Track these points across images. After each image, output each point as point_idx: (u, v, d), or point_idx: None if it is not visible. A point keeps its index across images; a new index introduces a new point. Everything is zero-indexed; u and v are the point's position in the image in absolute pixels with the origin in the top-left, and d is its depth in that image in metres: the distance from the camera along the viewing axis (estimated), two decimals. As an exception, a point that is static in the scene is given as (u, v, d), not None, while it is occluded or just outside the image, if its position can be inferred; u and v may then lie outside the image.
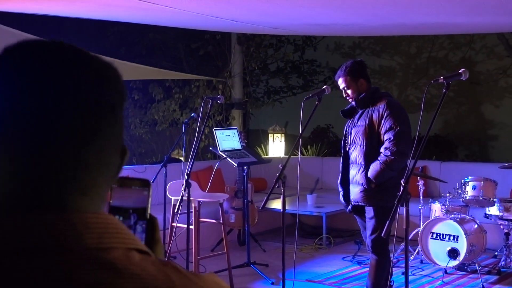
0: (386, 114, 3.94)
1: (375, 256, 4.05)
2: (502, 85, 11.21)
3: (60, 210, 0.64)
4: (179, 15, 5.37)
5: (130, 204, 0.86)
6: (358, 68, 4.10)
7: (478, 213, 5.59)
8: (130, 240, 0.65)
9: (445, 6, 5.07)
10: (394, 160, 3.87)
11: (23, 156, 0.65)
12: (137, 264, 0.62)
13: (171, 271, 0.64)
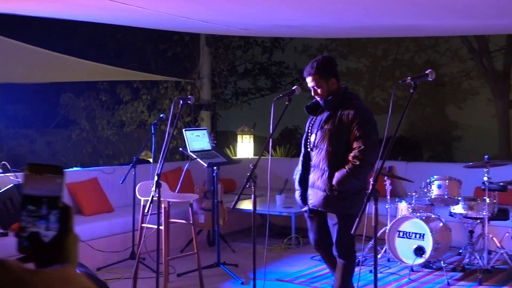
0: (356, 121, 3.84)
1: (342, 260, 4.05)
2: (465, 87, 11.49)
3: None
4: (151, 16, 5.36)
5: (43, 192, 0.82)
6: (329, 65, 3.98)
7: (443, 212, 5.71)
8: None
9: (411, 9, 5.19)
10: (363, 170, 3.82)
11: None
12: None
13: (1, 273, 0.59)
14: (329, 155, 3.89)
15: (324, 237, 4.12)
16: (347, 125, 3.86)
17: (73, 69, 7.94)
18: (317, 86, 3.94)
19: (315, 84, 3.95)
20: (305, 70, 4.02)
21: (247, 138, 8.58)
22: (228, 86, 11.14)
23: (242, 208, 6.77)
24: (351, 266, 4.10)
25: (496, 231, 5.65)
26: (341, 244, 3.99)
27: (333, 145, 3.89)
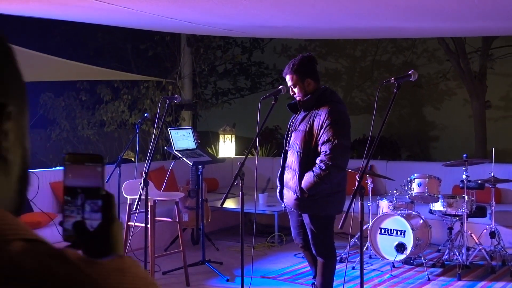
0: (326, 124, 3.82)
1: (321, 258, 4.10)
2: (442, 88, 11.68)
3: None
4: (135, 16, 5.39)
5: (83, 182, 0.82)
6: (306, 65, 3.95)
7: (423, 209, 5.84)
8: (11, 231, 0.57)
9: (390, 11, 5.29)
10: (328, 174, 3.80)
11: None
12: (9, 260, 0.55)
13: (56, 262, 0.55)
14: (301, 157, 3.90)
15: (301, 233, 4.19)
16: (318, 128, 3.85)
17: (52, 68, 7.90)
18: (293, 85, 3.96)
19: (292, 84, 3.96)
20: (286, 67, 4.04)
21: (228, 137, 8.64)
22: (207, 86, 11.18)
23: (225, 207, 6.82)
24: (330, 264, 4.15)
25: (474, 228, 5.80)
26: (317, 244, 4.06)
27: (305, 147, 3.89)
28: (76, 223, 0.83)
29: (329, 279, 4.19)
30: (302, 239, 4.21)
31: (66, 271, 0.55)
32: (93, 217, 0.82)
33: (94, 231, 0.82)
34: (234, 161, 8.25)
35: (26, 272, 0.54)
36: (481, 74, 9.43)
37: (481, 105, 9.43)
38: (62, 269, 0.55)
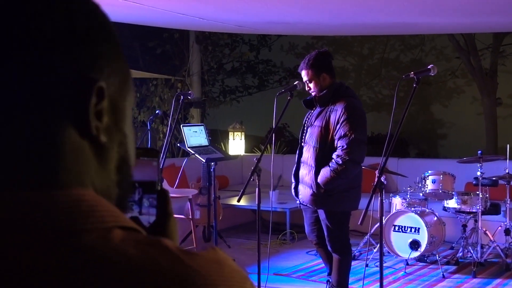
0: (342, 118, 3.80)
1: (337, 255, 4.09)
2: (450, 85, 11.65)
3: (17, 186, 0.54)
4: (146, 12, 5.37)
5: (139, 177, 0.79)
6: (322, 60, 3.94)
7: (436, 206, 5.80)
8: (110, 218, 0.55)
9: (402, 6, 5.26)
10: (345, 169, 3.79)
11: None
12: (115, 248, 0.52)
13: (158, 252, 0.54)
14: (317, 152, 3.89)
15: (316, 229, 4.16)
16: (335, 123, 3.84)
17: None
18: (309, 81, 3.95)
19: (307, 79, 3.95)
20: (302, 62, 4.02)
21: (238, 135, 8.61)
22: (215, 84, 11.16)
23: (235, 204, 6.80)
24: (346, 260, 4.14)
25: (488, 225, 5.76)
26: (332, 240, 4.04)
27: (321, 143, 3.88)
28: (132, 218, 0.79)
29: (344, 276, 4.17)
30: (317, 236, 4.18)
31: (169, 261, 0.53)
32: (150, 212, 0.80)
33: (150, 226, 0.79)
34: (243, 159, 8.22)
35: (131, 260, 0.52)
36: (492, 71, 9.39)
37: (492, 102, 9.39)
38: (164, 259, 0.53)
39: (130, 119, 0.64)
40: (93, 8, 0.59)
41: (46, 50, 0.54)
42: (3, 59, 0.53)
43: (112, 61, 0.60)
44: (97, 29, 0.58)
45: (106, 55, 0.59)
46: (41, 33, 0.54)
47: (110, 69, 0.59)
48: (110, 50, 0.60)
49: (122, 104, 0.61)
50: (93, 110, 0.57)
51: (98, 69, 0.57)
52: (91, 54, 0.57)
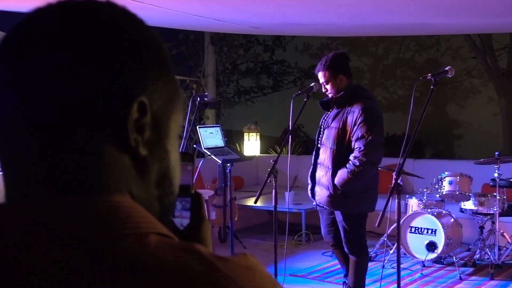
0: (360, 120, 3.81)
1: (353, 257, 4.09)
2: (466, 86, 11.57)
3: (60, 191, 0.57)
4: (163, 14, 5.39)
5: None
6: (339, 62, 3.95)
7: (453, 208, 5.77)
8: (146, 224, 0.57)
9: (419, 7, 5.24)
10: (362, 170, 3.79)
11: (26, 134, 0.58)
12: (150, 253, 0.54)
13: (191, 257, 0.55)
14: (334, 154, 3.89)
15: (332, 231, 4.16)
16: (352, 125, 3.84)
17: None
18: (325, 82, 3.94)
19: (324, 80, 3.94)
20: (318, 64, 4.01)
21: (253, 136, 8.62)
22: (230, 84, 11.18)
23: (251, 205, 6.82)
24: (363, 262, 4.14)
25: (506, 227, 5.72)
26: (349, 242, 4.04)
27: (338, 144, 3.88)
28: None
29: (361, 278, 4.16)
30: (333, 237, 4.18)
31: (202, 266, 0.54)
32: (183, 215, 0.81)
33: (183, 230, 0.80)
34: (259, 160, 8.23)
35: (166, 265, 0.53)
36: (509, 71, 9.32)
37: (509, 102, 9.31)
38: (197, 264, 0.54)
39: (175, 138, 0.66)
40: (143, 30, 0.63)
41: (95, 64, 0.58)
42: (57, 68, 0.57)
43: (157, 80, 0.62)
44: (143, 49, 0.61)
45: (151, 73, 0.61)
46: (92, 48, 0.58)
47: (154, 86, 0.61)
48: (156, 69, 0.62)
49: (166, 121, 0.63)
50: (133, 123, 0.59)
51: (141, 85, 0.60)
52: (135, 71, 0.60)
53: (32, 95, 0.57)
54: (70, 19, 0.58)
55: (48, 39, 0.57)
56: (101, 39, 0.58)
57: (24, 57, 0.58)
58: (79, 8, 0.60)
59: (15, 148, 0.59)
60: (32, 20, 0.60)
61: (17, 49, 0.59)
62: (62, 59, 0.57)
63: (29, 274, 0.52)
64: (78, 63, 0.57)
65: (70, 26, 0.58)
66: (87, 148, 0.58)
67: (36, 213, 0.55)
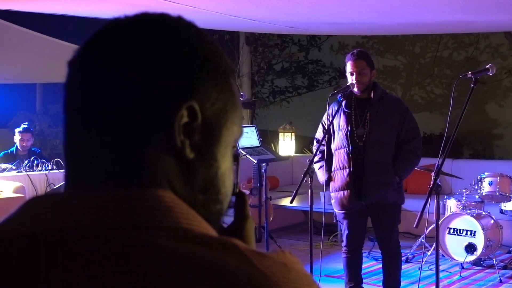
0: (405, 112, 3.92)
1: (392, 255, 4.06)
2: (506, 84, 11.32)
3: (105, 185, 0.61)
4: (199, 15, 5.42)
5: None
6: (372, 59, 4.02)
7: (493, 209, 5.65)
8: (185, 220, 0.58)
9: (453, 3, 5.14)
10: (419, 161, 3.99)
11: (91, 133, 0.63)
12: (185, 247, 0.55)
13: (227, 252, 0.56)
14: (386, 149, 3.89)
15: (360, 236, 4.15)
16: (397, 117, 3.88)
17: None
18: (362, 72, 3.83)
19: (361, 70, 3.83)
20: (349, 55, 3.92)
21: (288, 135, 8.60)
22: (265, 84, 11.18)
23: (286, 205, 6.80)
24: (400, 259, 4.14)
25: (548, 228, 5.58)
26: (394, 237, 4.05)
27: (388, 139, 3.90)
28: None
29: (398, 278, 4.13)
30: (356, 243, 4.14)
31: (236, 261, 0.55)
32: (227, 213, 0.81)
33: (227, 227, 0.81)
34: (294, 160, 8.21)
35: (199, 259, 0.54)
36: (551, 69, 9.07)
37: (551, 101, 9.07)
38: (232, 259, 0.55)
39: (228, 148, 0.69)
40: (205, 43, 0.67)
41: (154, 69, 0.63)
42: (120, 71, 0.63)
43: (211, 89, 0.65)
44: (201, 60, 0.66)
45: (206, 82, 0.65)
46: (154, 56, 0.63)
47: (207, 95, 0.65)
48: (211, 79, 0.66)
49: (219, 130, 0.66)
50: (182, 126, 0.63)
51: (193, 92, 0.64)
52: (189, 78, 0.64)
53: (95, 94, 0.63)
54: (141, 30, 0.65)
55: (117, 47, 0.64)
56: (164, 48, 0.63)
57: (95, 61, 0.64)
58: (150, 21, 0.66)
59: (75, 142, 0.64)
60: (106, 30, 0.66)
61: (89, 54, 0.65)
62: (126, 64, 0.63)
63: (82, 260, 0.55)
64: (139, 68, 0.62)
65: (139, 36, 0.64)
66: (137, 145, 0.62)
67: (87, 203, 0.58)
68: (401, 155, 3.91)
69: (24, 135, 6.36)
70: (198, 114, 0.63)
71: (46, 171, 5.65)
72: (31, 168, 5.64)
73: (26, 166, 5.65)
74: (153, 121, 0.62)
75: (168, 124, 0.62)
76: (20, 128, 6.42)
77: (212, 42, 0.68)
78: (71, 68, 0.66)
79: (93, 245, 0.55)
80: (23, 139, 6.34)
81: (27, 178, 5.37)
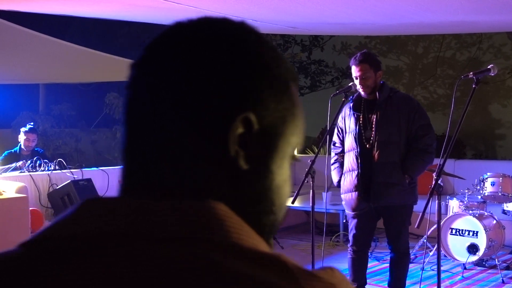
0: (416, 110, 3.89)
1: (400, 255, 4.05)
2: (509, 84, 11.30)
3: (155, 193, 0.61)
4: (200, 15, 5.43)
5: None
6: (376, 59, 3.99)
7: (495, 209, 5.65)
8: (235, 234, 0.57)
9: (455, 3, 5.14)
10: (432, 157, 3.92)
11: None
12: (233, 263, 0.54)
13: (274, 271, 0.54)
14: (396, 148, 3.86)
15: (367, 236, 4.14)
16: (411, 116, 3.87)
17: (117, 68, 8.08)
18: (366, 76, 3.83)
19: (364, 74, 3.83)
20: (352, 59, 3.93)
21: (291, 136, 8.60)
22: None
23: (288, 205, 6.79)
24: (408, 260, 4.13)
25: (550, 229, 5.57)
26: (404, 238, 4.03)
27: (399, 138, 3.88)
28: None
29: (405, 279, 4.13)
30: (364, 243, 4.14)
31: (283, 281, 0.53)
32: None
33: None
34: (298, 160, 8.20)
35: (241, 276, 0.53)
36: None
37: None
38: (278, 278, 0.53)
39: (286, 160, 0.66)
40: (267, 51, 0.65)
41: (212, 78, 0.61)
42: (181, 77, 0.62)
43: (270, 100, 0.64)
44: (261, 70, 0.64)
45: (265, 93, 0.63)
46: (214, 63, 0.62)
47: (265, 105, 0.63)
48: (270, 90, 0.64)
49: (276, 141, 0.64)
50: (236, 136, 0.61)
51: (250, 103, 0.62)
52: (247, 88, 0.62)
53: (155, 99, 0.62)
54: (203, 36, 0.63)
55: (177, 53, 0.63)
56: (224, 56, 0.62)
57: (156, 65, 0.64)
58: (212, 27, 0.65)
59: (134, 146, 0.64)
60: (169, 34, 0.65)
61: (151, 57, 0.65)
62: (185, 70, 0.62)
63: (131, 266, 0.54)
64: (198, 76, 0.61)
65: (200, 41, 0.63)
66: (191, 155, 0.61)
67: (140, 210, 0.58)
68: (411, 153, 3.87)
69: (30, 135, 6.38)
70: (254, 125, 0.62)
71: (49, 171, 5.66)
72: (33, 169, 5.66)
73: (29, 166, 5.67)
74: (209, 131, 0.61)
75: (223, 135, 0.61)
76: (26, 128, 6.43)
77: (273, 48, 0.66)
78: (133, 70, 0.66)
79: (138, 251, 0.55)
80: (28, 139, 6.36)
81: (30, 178, 5.38)
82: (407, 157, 3.87)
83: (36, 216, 4.92)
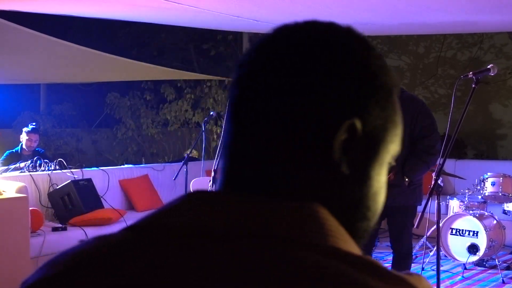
0: (420, 110, 3.90)
1: (404, 257, 4.04)
2: (510, 84, 11.28)
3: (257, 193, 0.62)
4: (201, 15, 5.44)
5: None
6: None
7: (496, 209, 5.65)
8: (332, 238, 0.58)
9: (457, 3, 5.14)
10: (434, 159, 3.88)
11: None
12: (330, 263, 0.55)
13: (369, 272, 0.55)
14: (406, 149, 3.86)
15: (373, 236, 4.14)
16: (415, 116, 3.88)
17: (118, 68, 8.09)
18: None
19: None
20: None
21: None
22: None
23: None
24: (411, 261, 4.13)
25: (551, 229, 5.57)
26: (407, 240, 4.02)
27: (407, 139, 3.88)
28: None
29: None
30: (368, 243, 4.14)
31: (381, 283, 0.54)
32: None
33: None
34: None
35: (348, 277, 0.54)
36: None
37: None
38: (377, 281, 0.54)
39: (383, 166, 0.67)
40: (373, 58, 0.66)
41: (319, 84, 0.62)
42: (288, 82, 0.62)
43: (375, 107, 0.64)
44: (368, 77, 0.64)
45: (370, 100, 0.64)
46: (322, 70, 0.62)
47: (370, 112, 0.64)
48: (375, 96, 0.65)
49: (376, 148, 0.65)
50: (341, 142, 0.62)
51: (356, 109, 0.63)
52: (354, 95, 0.63)
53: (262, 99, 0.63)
54: (310, 41, 0.63)
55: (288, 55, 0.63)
56: (332, 63, 0.62)
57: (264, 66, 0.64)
58: (320, 32, 0.65)
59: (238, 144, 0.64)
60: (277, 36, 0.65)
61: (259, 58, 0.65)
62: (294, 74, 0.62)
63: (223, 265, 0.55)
64: (306, 80, 0.62)
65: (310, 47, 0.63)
66: (295, 157, 0.62)
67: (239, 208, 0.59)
68: (412, 155, 3.87)
69: (32, 136, 6.37)
70: (359, 131, 0.62)
71: (49, 171, 5.67)
72: (34, 168, 5.66)
73: (29, 166, 5.67)
74: (314, 135, 0.62)
75: (329, 139, 0.62)
76: (29, 128, 6.43)
77: (379, 56, 0.67)
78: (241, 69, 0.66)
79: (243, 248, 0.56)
80: (30, 139, 6.36)
81: (30, 178, 5.38)
82: (408, 158, 3.87)
83: (36, 216, 4.92)
